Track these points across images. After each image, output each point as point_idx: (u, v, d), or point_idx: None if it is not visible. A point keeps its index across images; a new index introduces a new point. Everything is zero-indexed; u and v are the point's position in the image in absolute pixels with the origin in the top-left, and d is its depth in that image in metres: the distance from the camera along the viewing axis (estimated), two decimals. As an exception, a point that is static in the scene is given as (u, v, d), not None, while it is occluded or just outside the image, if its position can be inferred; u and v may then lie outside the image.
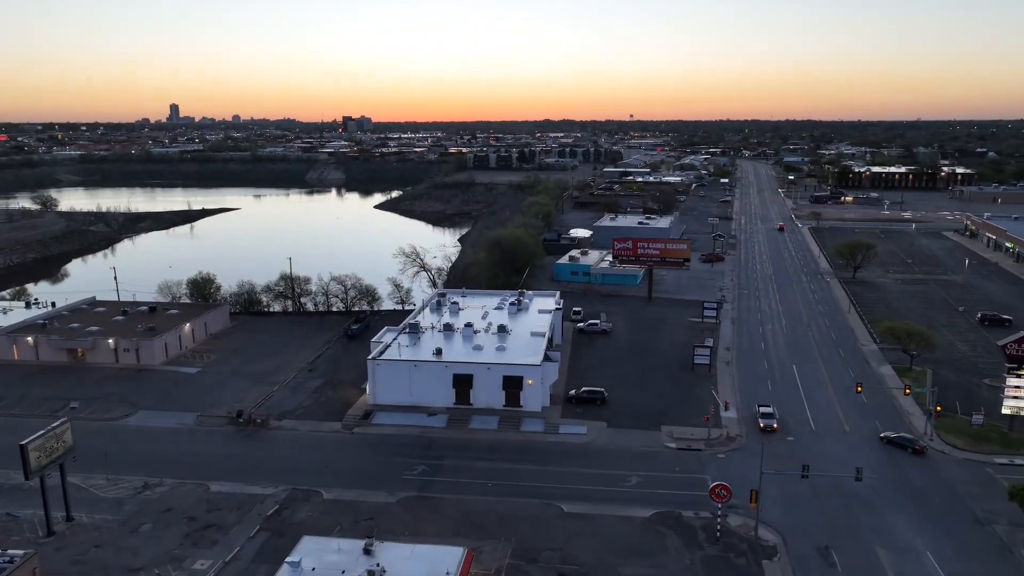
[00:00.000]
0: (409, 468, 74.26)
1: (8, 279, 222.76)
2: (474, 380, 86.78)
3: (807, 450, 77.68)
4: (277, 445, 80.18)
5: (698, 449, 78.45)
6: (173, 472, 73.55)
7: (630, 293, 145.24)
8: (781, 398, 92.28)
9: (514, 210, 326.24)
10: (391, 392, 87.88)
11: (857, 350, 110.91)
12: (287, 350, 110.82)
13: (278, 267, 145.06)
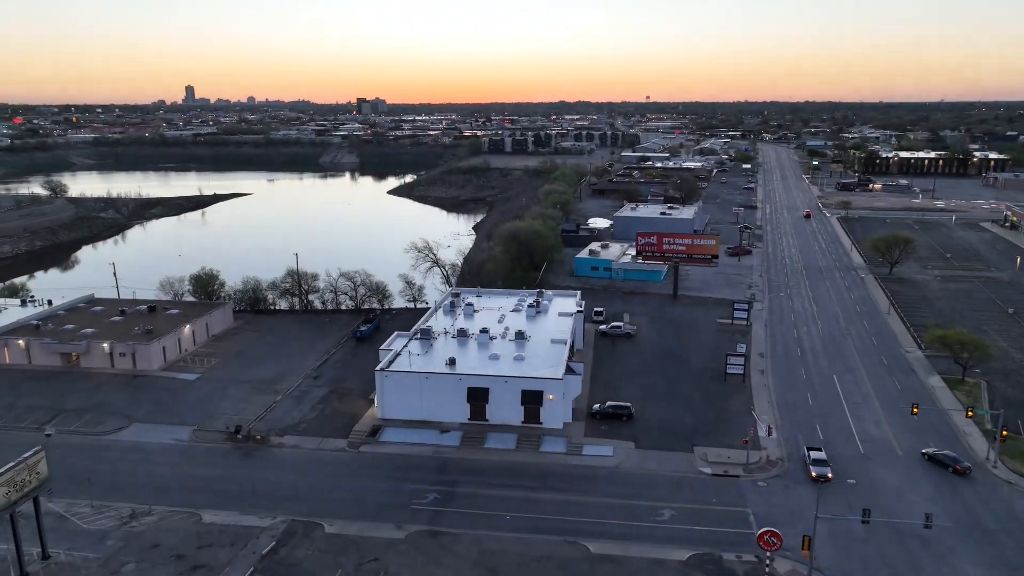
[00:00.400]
0: (419, 496, 67.89)
1: (16, 268, 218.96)
2: (490, 394, 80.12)
3: (859, 478, 70.47)
4: (277, 466, 74.08)
5: (736, 475, 71.49)
6: (164, 497, 67.71)
7: (654, 290, 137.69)
8: (823, 413, 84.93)
9: (530, 196, 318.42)
10: (401, 406, 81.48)
11: (901, 358, 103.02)
12: (292, 353, 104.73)
13: (286, 258, 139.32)
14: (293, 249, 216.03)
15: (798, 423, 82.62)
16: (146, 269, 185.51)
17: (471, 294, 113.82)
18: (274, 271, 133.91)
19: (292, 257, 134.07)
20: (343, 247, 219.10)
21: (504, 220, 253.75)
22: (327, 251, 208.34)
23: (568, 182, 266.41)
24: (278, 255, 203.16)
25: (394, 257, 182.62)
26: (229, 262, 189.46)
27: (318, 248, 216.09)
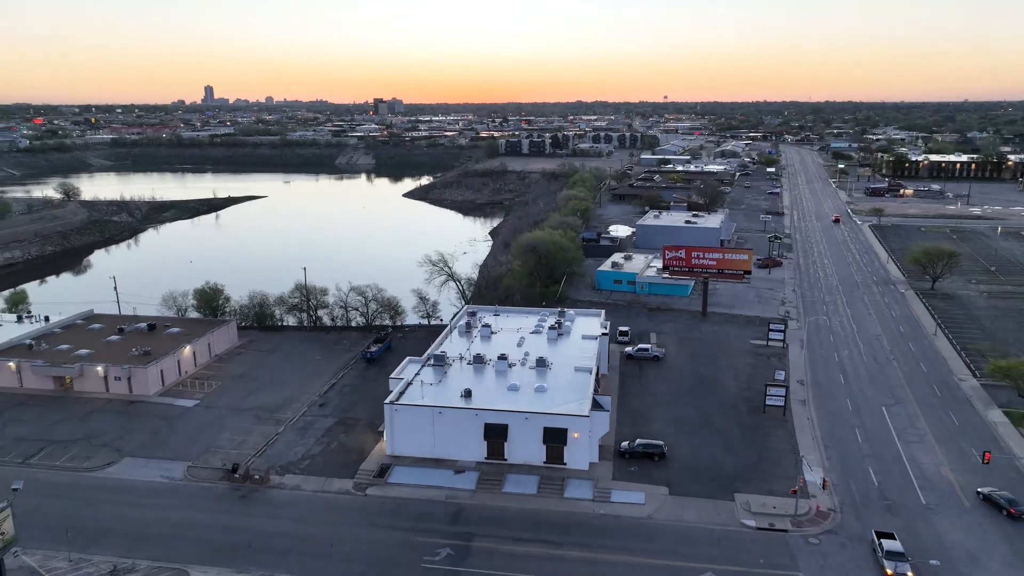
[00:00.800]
0: (431, 551, 61.13)
1: (26, 273, 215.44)
2: (509, 431, 73.24)
3: (924, 537, 62.79)
4: (276, 512, 67.59)
5: (783, 530, 64.08)
6: (150, 549, 61.48)
7: (681, 307, 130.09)
8: (876, 453, 77.18)
9: (548, 201, 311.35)
10: (412, 442, 74.86)
11: (955, 387, 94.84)
12: (298, 376, 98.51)
13: (296, 266, 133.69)
14: (304, 256, 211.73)
15: (848, 466, 74.90)
16: (154, 278, 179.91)
17: (488, 312, 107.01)
18: (283, 281, 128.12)
19: (303, 265, 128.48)
20: (356, 254, 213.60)
21: (522, 225, 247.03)
22: (339, 259, 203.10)
23: (587, 187, 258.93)
24: (288, 262, 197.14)
25: (408, 266, 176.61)
26: (238, 272, 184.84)
27: (330, 256, 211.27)
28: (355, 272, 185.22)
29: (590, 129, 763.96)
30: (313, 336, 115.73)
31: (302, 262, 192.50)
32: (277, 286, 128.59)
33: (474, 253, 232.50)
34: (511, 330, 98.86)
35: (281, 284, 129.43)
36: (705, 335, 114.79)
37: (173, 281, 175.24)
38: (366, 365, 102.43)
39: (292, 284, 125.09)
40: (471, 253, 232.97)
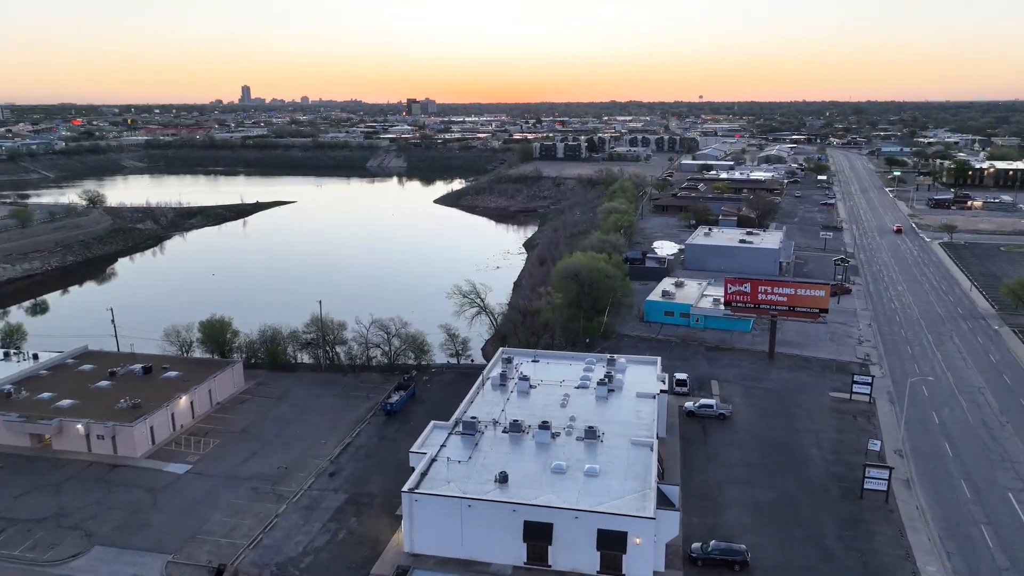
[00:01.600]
0: None
1: (46, 284, 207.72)
2: (555, 532, 59.37)
3: None
4: (266, 633, 54.87)
5: None
6: None
7: (743, 345, 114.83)
8: (1015, 564, 61.64)
9: (585, 209, 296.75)
10: (435, 539, 61.47)
11: (1091, 463, 78.43)
12: (307, 433, 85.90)
13: (319, 280, 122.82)
14: (326, 271, 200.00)
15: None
16: (166, 297, 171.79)
17: (526, 358, 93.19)
18: (301, 305, 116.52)
19: (323, 282, 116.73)
20: (381, 271, 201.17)
21: (558, 239, 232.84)
22: (363, 276, 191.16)
23: (628, 198, 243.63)
24: (308, 281, 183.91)
25: (436, 287, 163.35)
26: (254, 293, 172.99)
27: (353, 272, 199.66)
28: (379, 293, 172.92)
29: (626, 131, 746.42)
30: (328, 378, 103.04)
31: (323, 279, 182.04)
32: (293, 312, 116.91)
33: (507, 268, 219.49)
34: (553, 383, 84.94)
35: (298, 308, 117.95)
36: (776, 385, 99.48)
37: (184, 303, 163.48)
38: (386, 419, 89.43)
39: (310, 309, 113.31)
40: (504, 268, 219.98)
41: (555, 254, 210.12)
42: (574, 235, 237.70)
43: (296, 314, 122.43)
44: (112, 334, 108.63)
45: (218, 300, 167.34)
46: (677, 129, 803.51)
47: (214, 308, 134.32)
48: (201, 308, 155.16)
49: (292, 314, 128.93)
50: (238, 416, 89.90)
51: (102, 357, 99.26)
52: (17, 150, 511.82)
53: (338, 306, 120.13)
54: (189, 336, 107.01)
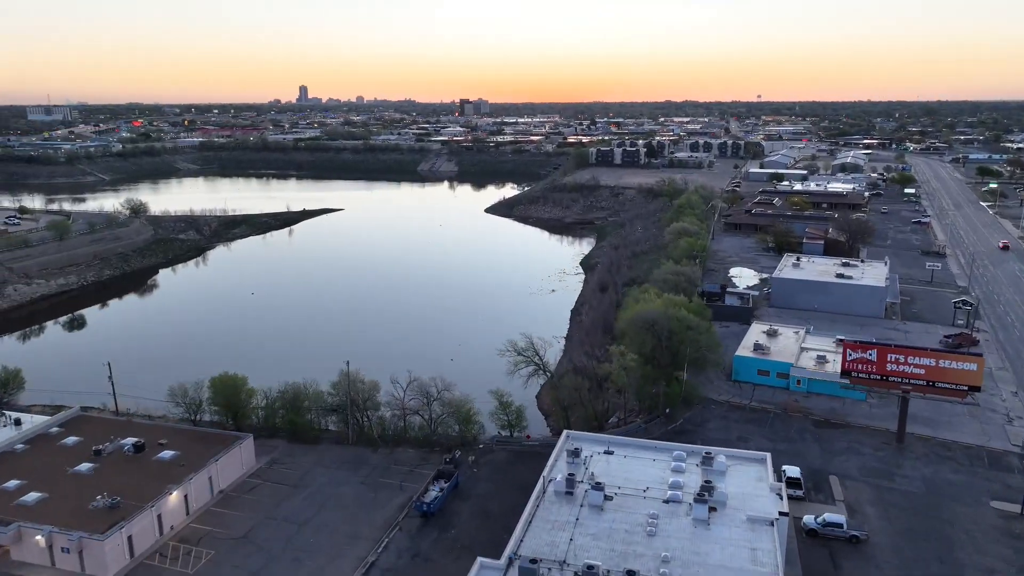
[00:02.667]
0: None
1: (81, 300, 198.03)
2: None
3: None
4: None
5: None
6: None
7: (859, 419, 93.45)
8: None
9: (646, 223, 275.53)
10: None
11: None
12: (323, 542, 68.85)
13: (354, 315, 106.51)
14: (365, 296, 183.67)
15: None
16: (191, 324, 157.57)
17: (596, 447, 74.25)
18: (333, 343, 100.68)
19: (360, 312, 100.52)
20: (425, 298, 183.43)
21: (620, 259, 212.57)
22: (403, 308, 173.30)
23: (697, 215, 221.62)
24: (344, 311, 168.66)
25: (486, 319, 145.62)
26: (284, 324, 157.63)
27: (394, 300, 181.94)
28: (420, 330, 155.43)
29: (684, 134, 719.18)
30: (356, 455, 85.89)
31: (359, 309, 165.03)
32: (323, 353, 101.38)
33: (564, 291, 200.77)
34: (634, 492, 65.77)
35: (329, 348, 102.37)
36: (914, 486, 78.06)
37: (208, 333, 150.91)
38: (421, 522, 71.78)
39: (342, 352, 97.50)
40: (560, 291, 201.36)
41: (617, 278, 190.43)
42: (636, 255, 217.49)
43: (325, 358, 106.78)
44: (110, 391, 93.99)
45: (243, 332, 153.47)
46: (737, 131, 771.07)
47: (237, 343, 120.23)
48: (223, 342, 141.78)
49: (321, 357, 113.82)
50: (242, 513, 73.43)
51: (94, 424, 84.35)
52: (75, 152, 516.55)
53: (372, 351, 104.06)
54: (199, 395, 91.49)
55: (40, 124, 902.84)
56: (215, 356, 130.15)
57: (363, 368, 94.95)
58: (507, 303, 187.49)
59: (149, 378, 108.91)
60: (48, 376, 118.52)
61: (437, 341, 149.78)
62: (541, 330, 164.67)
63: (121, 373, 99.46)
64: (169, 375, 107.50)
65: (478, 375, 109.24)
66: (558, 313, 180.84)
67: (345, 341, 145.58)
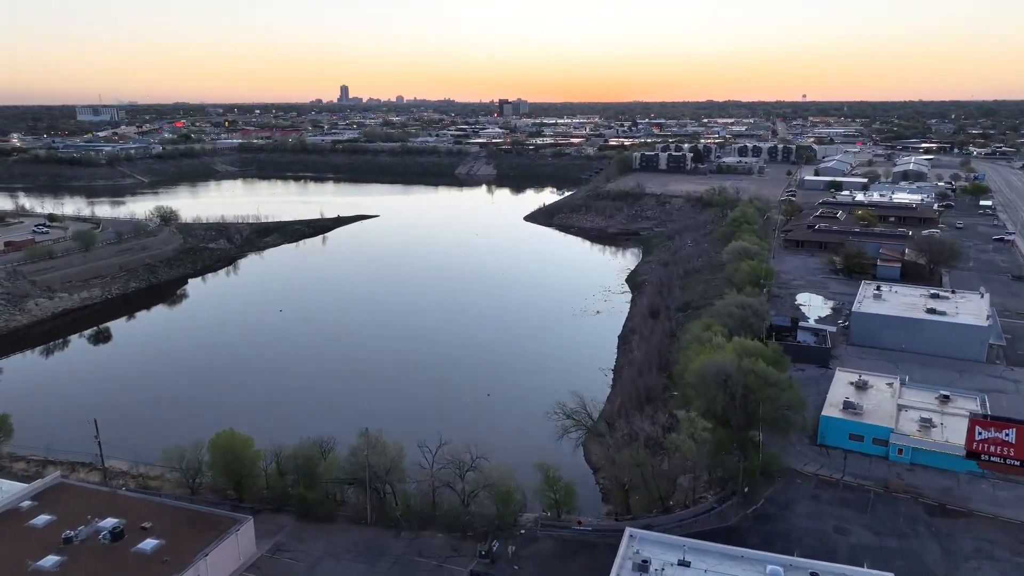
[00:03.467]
0: None
1: (105, 313, 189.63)
2: None
3: None
4: None
5: None
6: None
7: (983, 506, 76.79)
8: None
9: (696, 236, 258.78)
10: None
11: None
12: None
13: (378, 349, 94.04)
14: (391, 325, 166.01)
15: None
16: (201, 357, 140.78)
17: (668, 555, 59.54)
18: (353, 387, 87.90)
19: (384, 346, 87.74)
20: (457, 325, 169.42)
21: (670, 278, 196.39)
22: (432, 343, 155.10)
23: (756, 231, 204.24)
24: (367, 345, 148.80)
25: (526, 351, 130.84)
26: (303, 359, 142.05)
27: (422, 331, 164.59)
28: (453, 366, 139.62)
29: (730, 136, 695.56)
30: (375, 541, 72.45)
31: (384, 345, 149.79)
32: (342, 407, 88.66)
33: (609, 313, 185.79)
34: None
35: (351, 395, 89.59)
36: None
37: (224, 365, 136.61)
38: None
39: (363, 401, 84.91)
40: (605, 312, 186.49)
41: (669, 301, 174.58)
42: (689, 273, 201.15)
43: (346, 407, 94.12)
44: (97, 452, 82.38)
45: (260, 365, 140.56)
46: (786, 134, 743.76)
47: (252, 381, 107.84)
48: (237, 380, 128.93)
49: (341, 404, 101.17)
50: (234, 623, 60.87)
51: (72, 497, 72.40)
52: (115, 154, 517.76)
53: (398, 394, 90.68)
54: (198, 456, 79.15)
55: (87, 124, 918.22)
56: (224, 399, 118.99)
57: (387, 422, 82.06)
58: (548, 328, 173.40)
59: (148, 426, 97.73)
60: (43, 417, 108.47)
61: (473, 377, 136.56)
62: (586, 361, 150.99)
63: (119, 419, 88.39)
64: (171, 421, 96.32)
65: (517, 425, 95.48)
66: (604, 339, 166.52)
67: (369, 380, 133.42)
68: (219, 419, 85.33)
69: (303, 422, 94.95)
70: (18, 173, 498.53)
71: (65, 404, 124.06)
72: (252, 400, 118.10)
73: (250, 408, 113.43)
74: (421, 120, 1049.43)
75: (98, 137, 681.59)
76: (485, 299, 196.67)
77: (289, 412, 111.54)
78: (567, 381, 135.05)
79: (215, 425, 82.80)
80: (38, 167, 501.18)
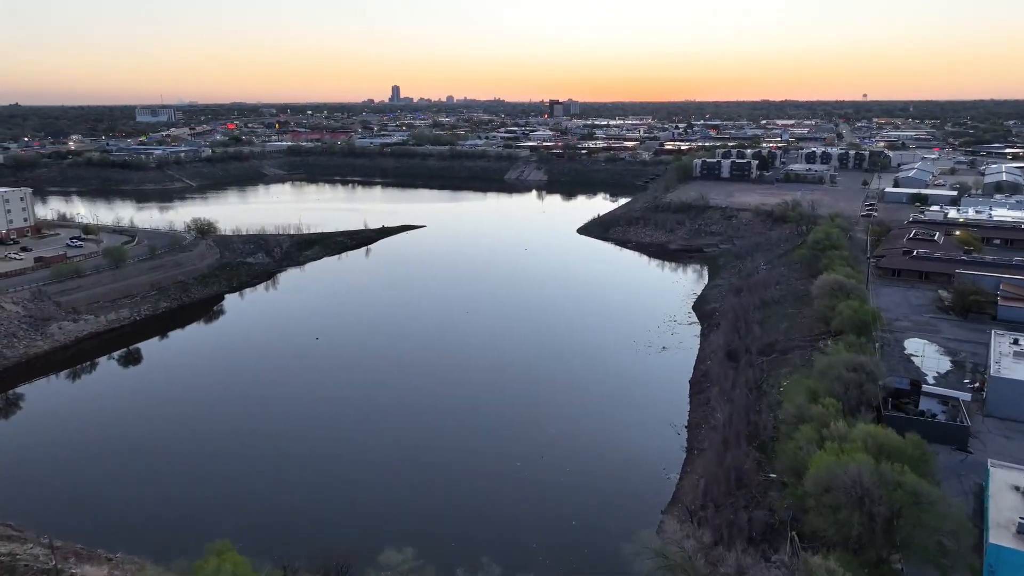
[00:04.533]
0: None
1: (134, 335, 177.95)
2: None
3: None
4: None
5: None
6: None
7: None
8: None
9: (768, 255, 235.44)
10: None
11: None
12: None
13: (419, 395, 76.89)
14: (433, 373, 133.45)
15: None
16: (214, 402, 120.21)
17: None
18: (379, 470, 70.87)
19: (428, 385, 70.56)
20: (505, 363, 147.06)
21: (746, 307, 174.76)
22: (478, 379, 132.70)
23: (845, 257, 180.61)
24: (409, 390, 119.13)
25: (578, 400, 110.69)
26: (334, 411, 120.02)
27: (462, 357, 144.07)
28: (495, 431, 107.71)
29: (793, 139, 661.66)
30: None
31: (424, 395, 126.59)
32: (369, 504, 71.52)
33: (677, 349, 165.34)
34: None
35: (379, 480, 72.38)
36: None
37: (225, 443, 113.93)
38: None
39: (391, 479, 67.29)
40: (672, 349, 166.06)
41: (749, 341, 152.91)
42: (767, 304, 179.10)
43: (372, 504, 77.20)
44: (77, 516, 66.76)
45: (280, 425, 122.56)
46: (853, 137, 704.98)
47: (267, 454, 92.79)
48: (251, 454, 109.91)
49: (367, 498, 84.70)
50: None
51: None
52: (165, 158, 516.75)
53: (433, 484, 73.01)
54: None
55: (145, 126, 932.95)
56: (229, 482, 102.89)
57: (420, 534, 63.91)
58: (606, 366, 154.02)
59: (131, 521, 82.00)
60: (16, 484, 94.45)
61: (517, 435, 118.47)
62: (653, 412, 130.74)
63: (107, 502, 72.69)
64: (160, 509, 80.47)
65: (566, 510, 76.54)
66: (673, 382, 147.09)
67: (390, 439, 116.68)
68: (218, 518, 68.81)
69: (328, 510, 78.19)
70: (71, 176, 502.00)
71: (38, 470, 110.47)
72: (262, 486, 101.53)
73: (265, 496, 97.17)
74: (471, 121, 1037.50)
75: (151, 139, 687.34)
76: (532, 329, 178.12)
77: (311, 503, 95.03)
78: (629, 439, 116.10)
79: (213, 528, 66.18)
80: (91, 170, 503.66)
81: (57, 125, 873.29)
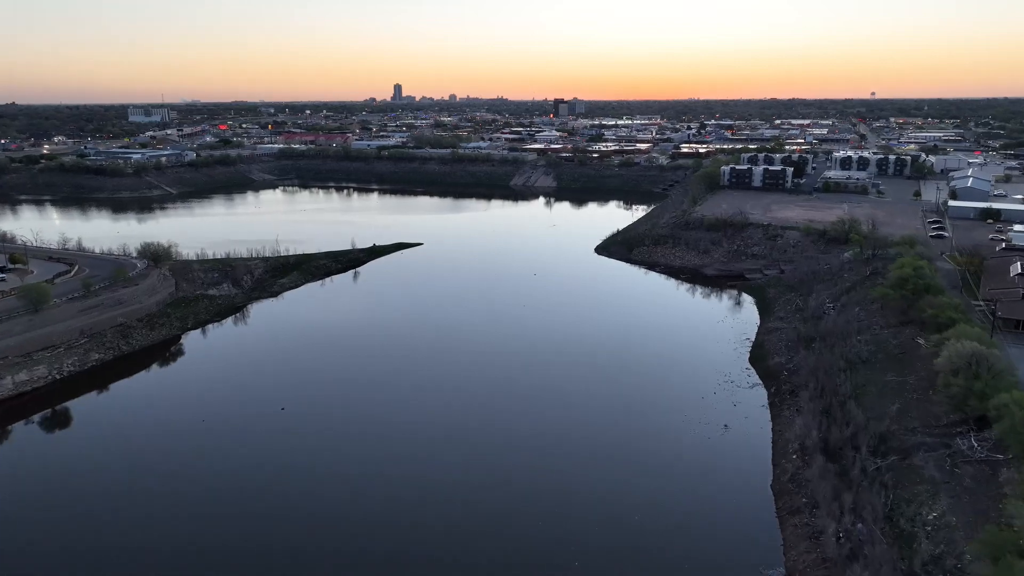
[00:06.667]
0: None
1: (44, 401, 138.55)
2: None
3: None
4: None
5: None
6: None
7: None
8: None
9: (831, 287, 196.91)
10: None
11: None
12: None
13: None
14: (425, 452, 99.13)
15: None
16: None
17: None
18: None
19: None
20: (504, 453, 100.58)
21: (818, 368, 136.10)
22: (465, 455, 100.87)
23: (955, 304, 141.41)
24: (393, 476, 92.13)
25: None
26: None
27: (457, 431, 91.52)
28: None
29: (816, 141, 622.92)
30: None
31: (413, 480, 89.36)
32: None
33: (741, 431, 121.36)
34: None
35: None
36: None
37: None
38: None
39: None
40: (734, 427, 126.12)
41: (847, 430, 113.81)
42: (854, 365, 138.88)
43: None
44: None
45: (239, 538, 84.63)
46: (876, 138, 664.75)
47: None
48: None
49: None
50: None
51: None
52: (143, 163, 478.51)
53: None
54: None
55: (137, 126, 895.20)
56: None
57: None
58: (650, 466, 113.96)
59: None
60: None
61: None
62: (724, 549, 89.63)
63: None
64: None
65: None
66: (751, 490, 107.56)
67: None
68: None
69: None
70: (42, 183, 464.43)
71: None
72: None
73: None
74: (474, 121, 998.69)
75: (136, 141, 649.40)
76: (543, 396, 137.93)
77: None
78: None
79: None
80: (63, 176, 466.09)
81: (43, 126, 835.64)
